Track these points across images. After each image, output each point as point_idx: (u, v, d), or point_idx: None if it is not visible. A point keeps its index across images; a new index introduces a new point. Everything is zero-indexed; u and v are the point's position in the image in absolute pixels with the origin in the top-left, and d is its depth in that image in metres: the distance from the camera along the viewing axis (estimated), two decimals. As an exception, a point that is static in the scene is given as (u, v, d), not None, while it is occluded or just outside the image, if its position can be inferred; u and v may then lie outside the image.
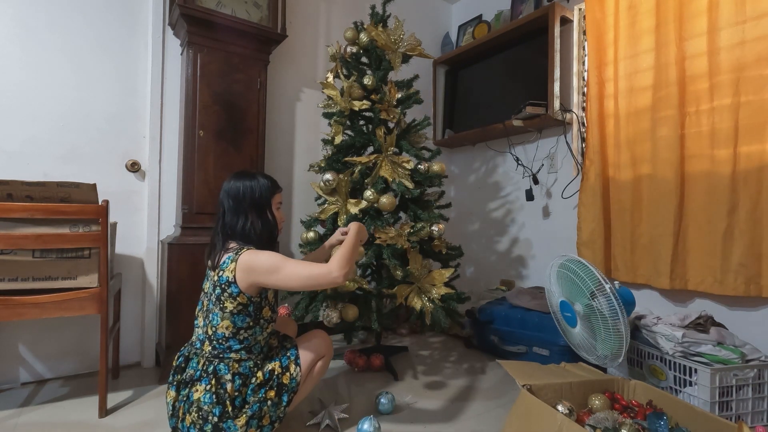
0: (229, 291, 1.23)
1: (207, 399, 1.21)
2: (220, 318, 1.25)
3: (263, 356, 1.33)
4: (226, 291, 1.23)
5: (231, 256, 1.25)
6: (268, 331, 1.35)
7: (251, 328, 1.28)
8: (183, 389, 1.26)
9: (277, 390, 1.28)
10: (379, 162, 1.92)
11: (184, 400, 1.24)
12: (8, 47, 1.80)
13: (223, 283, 1.24)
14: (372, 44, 2.00)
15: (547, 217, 2.52)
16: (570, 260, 1.62)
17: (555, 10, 2.27)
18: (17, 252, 1.48)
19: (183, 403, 1.24)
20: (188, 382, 1.25)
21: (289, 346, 1.40)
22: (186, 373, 1.28)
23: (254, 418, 1.23)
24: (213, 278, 1.27)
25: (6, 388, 1.78)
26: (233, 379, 1.23)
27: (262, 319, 1.31)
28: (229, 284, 1.23)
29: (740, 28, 1.69)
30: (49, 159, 1.88)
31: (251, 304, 1.26)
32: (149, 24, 2.08)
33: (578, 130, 2.33)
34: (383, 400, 1.61)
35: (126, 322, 2.04)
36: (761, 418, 1.50)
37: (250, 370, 1.27)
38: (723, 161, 1.71)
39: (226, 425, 1.20)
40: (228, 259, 1.25)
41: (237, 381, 1.23)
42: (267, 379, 1.28)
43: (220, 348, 1.26)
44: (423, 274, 1.89)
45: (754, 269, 1.64)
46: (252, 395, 1.25)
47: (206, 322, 1.29)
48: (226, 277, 1.23)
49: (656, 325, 1.66)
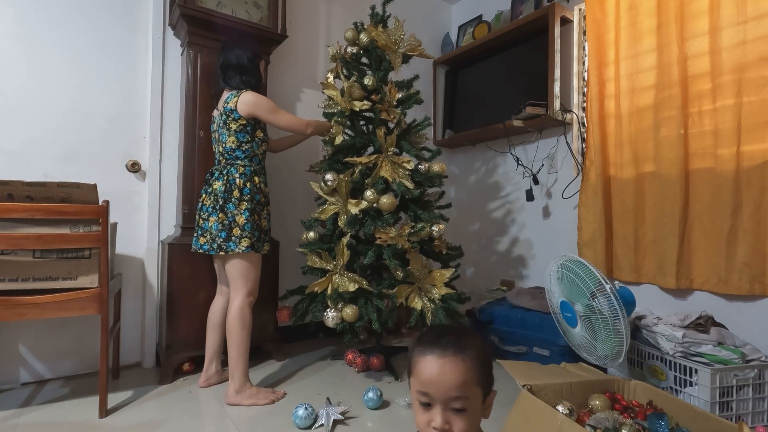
0: (233, 116, 1.71)
1: (220, 188, 1.69)
2: (227, 135, 1.73)
3: (261, 167, 1.81)
4: (230, 116, 1.71)
5: (234, 93, 1.73)
6: (263, 149, 1.82)
7: (249, 143, 1.75)
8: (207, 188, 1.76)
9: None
10: (380, 162, 1.92)
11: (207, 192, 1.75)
12: (9, 47, 1.80)
13: (227, 111, 1.72)
14: (372, 44, 2.00)
15: (547, 218, 2.52)
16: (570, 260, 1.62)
17: (555, 10, 2.27)
18: (18, 252, 1.48)
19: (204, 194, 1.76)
20: (210, 183, 1.75)
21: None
22: (208, 182, 1.77)
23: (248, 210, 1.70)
24: (219, 110, 1.77)
25: (6, 388, 1.78)
26: (240, 176, 1.71)
27: (257, 137, 1.78)
28: (232, 111, 1.71)
29: (741, 28, 1.69)
30: (49, 159, 1.88)
31: (249, 125, 1.74)
32: (149, 24, 2.08)
33: (578, 130, 2.33)
34: (370, 395, 1.61)
35: (126, 322, 2.04)
36: (761, 418, 1.50)
37: (251, 172, 1.74)
38: (726, 163, 1.71)
39: (228, 207, 1.68)
40: (232, 96, 1.73)
41: (243, 177, 1.71)
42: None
43: (230, 158, 1.74)
44: (423, 275, 1.89)
45: (758, 269, 1.65)
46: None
47: (218, 144, 1.78)
48: (230, 107, 1.71)
49: (656, 326, 1.66)
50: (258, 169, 1.78)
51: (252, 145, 1.75)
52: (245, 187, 1.70)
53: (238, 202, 1.68)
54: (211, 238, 1.68)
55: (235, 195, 1.68)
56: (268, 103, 1.75)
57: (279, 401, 1.70)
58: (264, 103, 1.74)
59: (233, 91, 1.74)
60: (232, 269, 1.70)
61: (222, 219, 1.67)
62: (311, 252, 1.91)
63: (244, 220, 1.67)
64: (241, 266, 1.69)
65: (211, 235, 1.68)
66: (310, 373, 2.01)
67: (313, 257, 1.90)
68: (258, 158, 1.79)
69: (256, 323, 2.03)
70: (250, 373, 1.77)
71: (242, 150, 1.74)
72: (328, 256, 1.89)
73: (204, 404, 1.68)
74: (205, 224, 1.71)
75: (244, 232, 1.67)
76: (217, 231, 1.67)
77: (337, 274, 1.88)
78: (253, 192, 1.72)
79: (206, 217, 1.71)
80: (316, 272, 1.95)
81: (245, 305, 1.70)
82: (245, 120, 1.72)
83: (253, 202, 1.71)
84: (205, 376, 1.82)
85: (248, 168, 1.74)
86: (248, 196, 1.70)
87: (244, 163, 1.73)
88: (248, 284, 1.71)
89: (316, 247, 1.92)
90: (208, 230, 1.69)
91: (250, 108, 1.70)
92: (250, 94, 1.72)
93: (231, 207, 1.67)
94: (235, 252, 1.66)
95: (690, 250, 1.84)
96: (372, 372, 2.02)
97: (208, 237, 1.69)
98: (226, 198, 1.68)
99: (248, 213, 1.68)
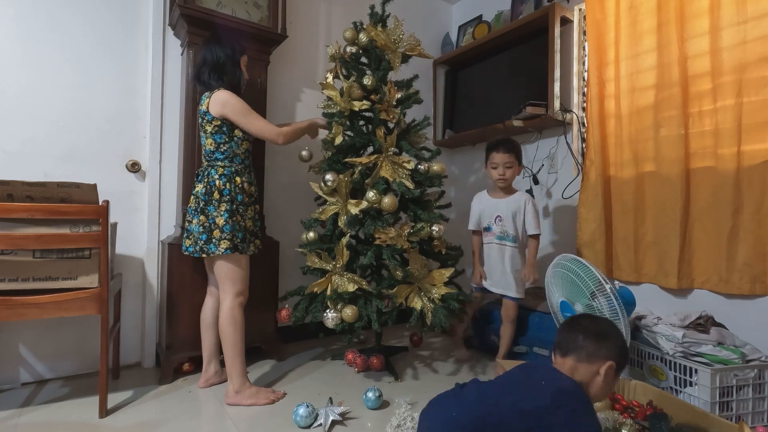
0: (206, 118, 1.69)
1: (201, 190, 1.69)
2: (205, 138, 1.73)
3: (244, 166, 1.77)
4: (204, 118, 1.70)
5: (207, 95, 1.71)
6: (244, 147, 1.77)
7: (228, 143, 1.71)
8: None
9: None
10: (380, 162, 1.91)
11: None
12: (9, 47, 1.80)
13: (202, 114, 1.72)
14: (371, 44, 2.00)
15: (547, 218, 2.52)
16: (570, 260, 1.62)
17: (555, 10, 2.27)
18: (18, 252, 1.48)
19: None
20: (194, 185, 1.75)
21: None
22: (193, 184, 1.77)
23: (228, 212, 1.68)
24: (198, 112, 1.76)
25: (6, 388, 1.78)
26: (219, 177, 1.69)
27: (236, 137, 1.73)
28: (205, 114, 1.69)
29: (741, 28, 1.69)
30: (49, 159, 1.88)
31: (224, 125, 1.70)
32: (150, 24, 2.08)
33: (578, 130, 2.32)
34: (369, 395, 1.61)
35: (126, 323, 2.04)
36: (762, 418, 1.50)
37: (231, 173, 1.71)
38: (727, 163, 1.71)
39: (209, 209, 1.67)
40: (204, 97, 1.72)
41: (222, 179, 1.69)
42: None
43: (210, 159, 1.73)
44: (423, 275, 1.89)
45: (759, 268, 1.65)
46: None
47: (202, 146, 1.76)
48: (203, 110, 1.70)
49: (656, 326, 1.66)
50: (240, 168, 1.74)
51: (231, 145, 1.72)
52: (225, 188, 1.68)
53: (218, 204, 1.66)
54: (194, 241, 1.68)
55: (215, 197, 1.66)
56: (240, 104, 1.69)
57: (279, 401, 1.70)
58: (235, 104, 1.68)
59: (207, 92, 1.72)
60: (218, 271, 1.70)
61: (203, 221, 1.66)
62: (311, 252, 1.91)
63: (224, 222, 1.65)
64: (226, 268, 1.69)
65: (193, 237, 1.68)
66: (309, 372, 2.01)
67: (312, 257, 1.90)
68: (240, 158, 1.75)
69: (256, 323, 2.03)
70: (249, 372, 1.77)
71: (221, 151, 1.71)
72: (328, 256, 1.89)
73: (204, 404, 1.68)
74: (189, 226, 1.71)
75: (224, 234, 1.65)
76: (198, 233, 1.66)
77: (337, 274, 1.88)
78: (233, 193, 1.69)
79: (190, 219, 1.71)
80: (316, 272, 1.95)
81: (235, 306, 1.69)
82: (219, 120, 1.68)
83: (234, 203, 1.69)
84: (204, 377, 1.82)
85: (228, 169, 1.71)
86: (228, 197, 1.67)
87: (224, 164, 1.71)
88: (236, 285, 1.70)
89: (316, 247, 1.92)
90: (192, 232, 1.69)
91: (219, 107, 1.66)
92: (223, 92, 1.68)
93: (211, 209, 1.66)
94: (216, 254, 1.65)
95: (691, 249, 1.84)
96: (372, 372, 2.02)
97: (192, 239, 1.69)
98: (206, 200, 1.67)
99: (227, 215, 1.66)
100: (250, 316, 1.78)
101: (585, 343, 1.04)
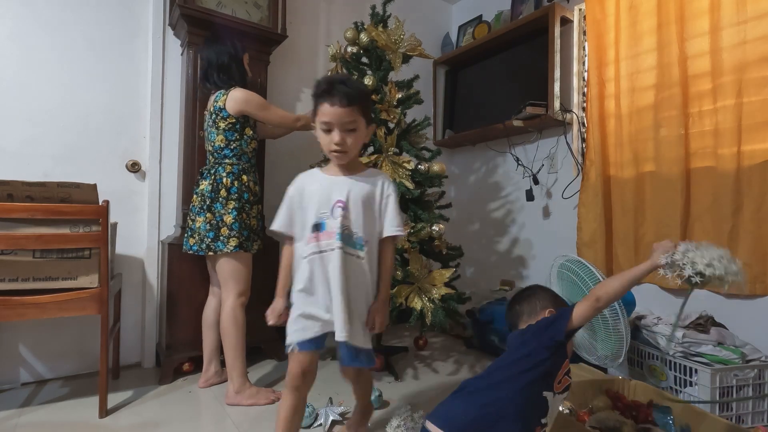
0: (221, 115, 1.69)
1: (207, 188, 1.69)
2: (216, 134, 1.71)
3: (250, 165, 1.79)
4: (218, 115, 1.70)
5: (222, 92, 1.72)
6: (252, 146, 1.80)
7: (238, 141, 1.73)
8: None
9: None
10: (380, 162, 1.91)
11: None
12: (9, 47, 1.80)
13: (216, 111, 1.70)
14: (372, 44, 2.00)
15: (547, 218, 2.52)
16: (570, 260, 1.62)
17: (555, 10, 2.27)
18: (18, 252, 1.48)
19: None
20: (198, 183, 1.75)
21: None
22: (197, 182, 1.77)
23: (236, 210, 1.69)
24: (209, 109, 1.75)
25: (6, 388, 1.78)
26: (227, 175, 1.70)
27: (246, 135, 1.75)
28: (221, 110, 1.69)
29: (741, 28, 1.69)
30: (49, 159, 1.88)
31: (238, 123, 1.72)
32: (150, 24, 2.08)
33: (578, 130, 2.32)
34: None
35: (126, 323, 2.04)
36: (762, 418, 1.50)
37: (239, 171, 1.72)
38: (727, 163, 1.71)
39: (216, 206, 1.67)
40: (220, 94, 1.72)
41: (230, 176, 1.70)
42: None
43: (218, 156, 1.73)
44: (423, 275, 1.89)
45: (759, 268, 1.65)
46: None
47: (208, 144, 1.77)
48: (218, 106, 1.70)
49: (656, 326, 1.66)
50: (247, 167, 1.77)
51: (241, 143, 1.74)
52: (233, 186, 1.69)
53: (225, 202, 1.67)
54: (199, 239, 1.68)
55: (222, 194, 1.67)
56: (259, 99, 1.74)
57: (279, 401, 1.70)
58: (255, 100, 1.72)
59: (221, 90, 1.73)
60: (222, 270, 1.70)
61: (210, 219, 1.67)
62: (311, 252, 1.91)
63: (232, 219, 1.66)
64: (231, 266, 1.69)
65: (199, 235, 1.68)
66: (310, 373, 2.00)
67: (313, 257, 1.90)
68: (247, 156, 1.78)
69: (256, 323, 2.02)
70: (249, 372, 1.77)
71: (230, 148, 1.72)
72: (328, 256, 1.89)
73: (204, 404, 1.68)
74: (193, 225, 1.71)
75: (232, 232, 1.66)
76: (205, 231, 1.66)
77: (337, 274, 1.87)
78: (240, 191, 1.71)
79: (194, 217, 1.71)
80: (316, 272, 1.94)
81: (237, 306, 1.69)
82: (234, 118, 1.70)
83: (241, 201, 1.70)
84: (204, 377, 1.82)
85: (236, 167, 1.72)
86: (236, 195, 1.69)
87: (232, 162, 1.72)
88: (239, 285, 1.70)
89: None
90: (197, 231, 1.69)
91: (240, 105, 1.69)
92: (240, 90, 1.71)
93: (218, 207, 1.67)
94: (224, 252, 1.65)
95: (691, 249, 1.84)
96: (372, 372, 2.01)
97: (197, 237, 1.69)
98: (213, 198, 1.67)
99: (236, 212, 1.67)
100: (250, 317, 1.78)
101: (522, 308, 1.22)
